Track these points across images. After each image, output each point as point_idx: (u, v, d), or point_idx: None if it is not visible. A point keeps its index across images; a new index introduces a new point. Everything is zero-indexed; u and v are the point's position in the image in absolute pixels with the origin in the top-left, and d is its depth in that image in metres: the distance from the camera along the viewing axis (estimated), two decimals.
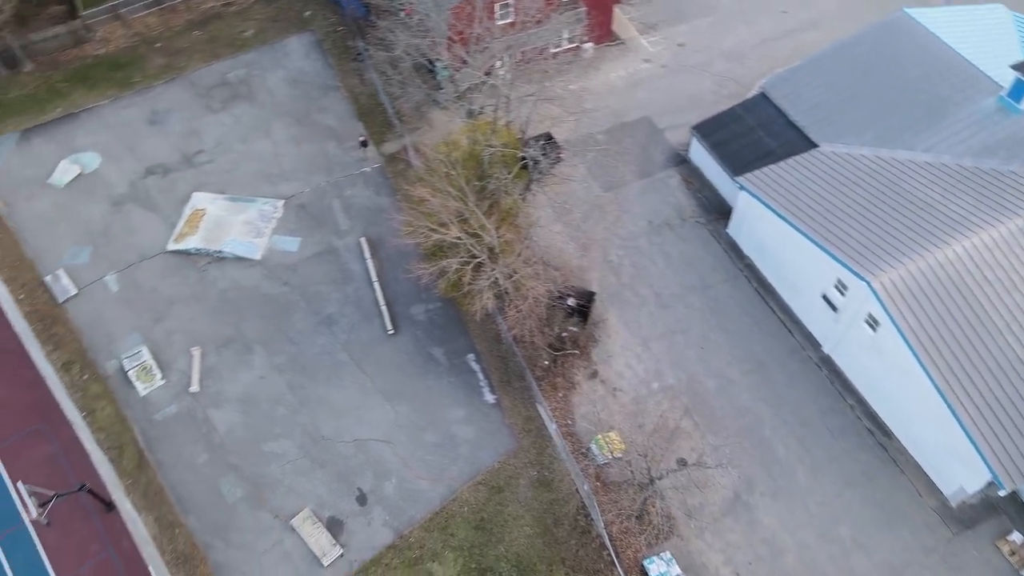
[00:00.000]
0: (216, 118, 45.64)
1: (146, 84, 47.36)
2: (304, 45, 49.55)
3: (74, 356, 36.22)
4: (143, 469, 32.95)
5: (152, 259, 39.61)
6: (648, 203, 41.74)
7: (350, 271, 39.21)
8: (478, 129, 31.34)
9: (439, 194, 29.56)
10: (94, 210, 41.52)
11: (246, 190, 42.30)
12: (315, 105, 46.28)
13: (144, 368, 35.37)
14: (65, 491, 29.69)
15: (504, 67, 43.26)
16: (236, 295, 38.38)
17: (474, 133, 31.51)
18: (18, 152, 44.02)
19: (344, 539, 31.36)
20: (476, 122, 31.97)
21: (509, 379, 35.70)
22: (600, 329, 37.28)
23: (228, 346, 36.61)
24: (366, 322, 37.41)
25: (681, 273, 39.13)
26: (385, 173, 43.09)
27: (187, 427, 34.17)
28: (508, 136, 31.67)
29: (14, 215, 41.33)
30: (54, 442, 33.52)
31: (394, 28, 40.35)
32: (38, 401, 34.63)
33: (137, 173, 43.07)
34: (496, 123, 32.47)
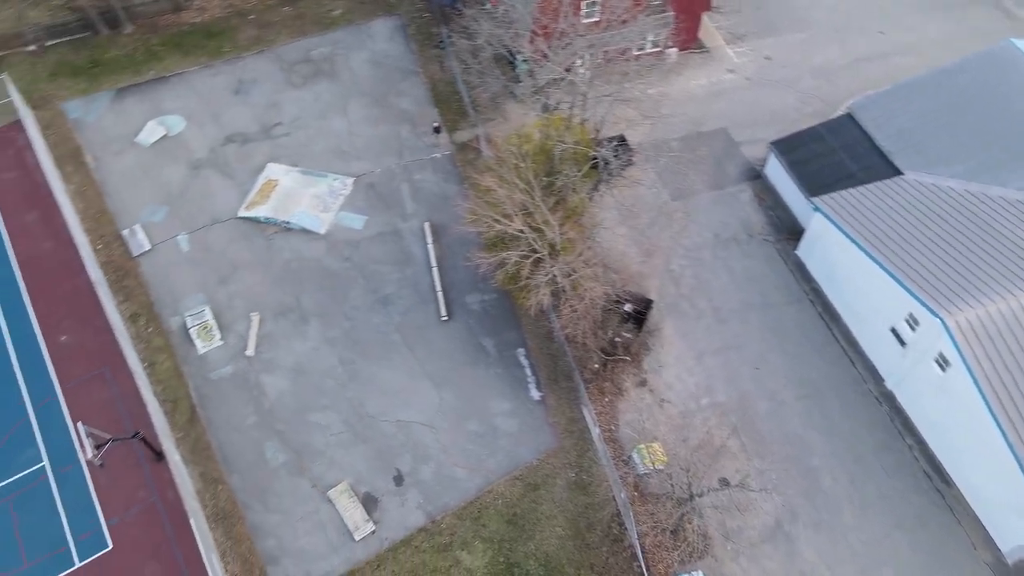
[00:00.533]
0: (297, 93, 46.67)
1: (235, 54, 48.77)
2: (389, 28, 50.21)
3: (141, 309, 37.58)
4: (194, 424, 33.96)
5: (223, 224, 40.77)
6: (717, 215, 40.83)
7: (411, 254, 39.57)
8: (552, 124, 31.15)
9: (506, 185, 29.51)
10: (174, 171, 42.97)
11: (318, 165, 43.13)
12: (393, 88, 46.85)
13: (205, 327, 36.44)
14: (120, 436, 30.83)
15: (584, 65, 42.96)
16: (298, 266, 39.17)
17: (547, 128, 31.33)
18: (111, 110, 45.90)
19: (377, 516, 31.67)
20: (550, 117, 31.76)
21: (557, 378, 35.45)
22: (654, 338, 36.65)
23: (286, 315, 37.41)
24: (421, 306, 37.69)
25: (743, 289, 38.16)
26: (455, 161, 43.32)
27: (239, 389, 35.05)
28: (581, 134, 31.38)
29: (101, 169, 43.12)
30: (115, 388, 34.85)
31: (479, 17, 40.49)
32: (104, 348, 36.05)
33: (217, 140, 44.39)
34: (571, 120, 32.23)
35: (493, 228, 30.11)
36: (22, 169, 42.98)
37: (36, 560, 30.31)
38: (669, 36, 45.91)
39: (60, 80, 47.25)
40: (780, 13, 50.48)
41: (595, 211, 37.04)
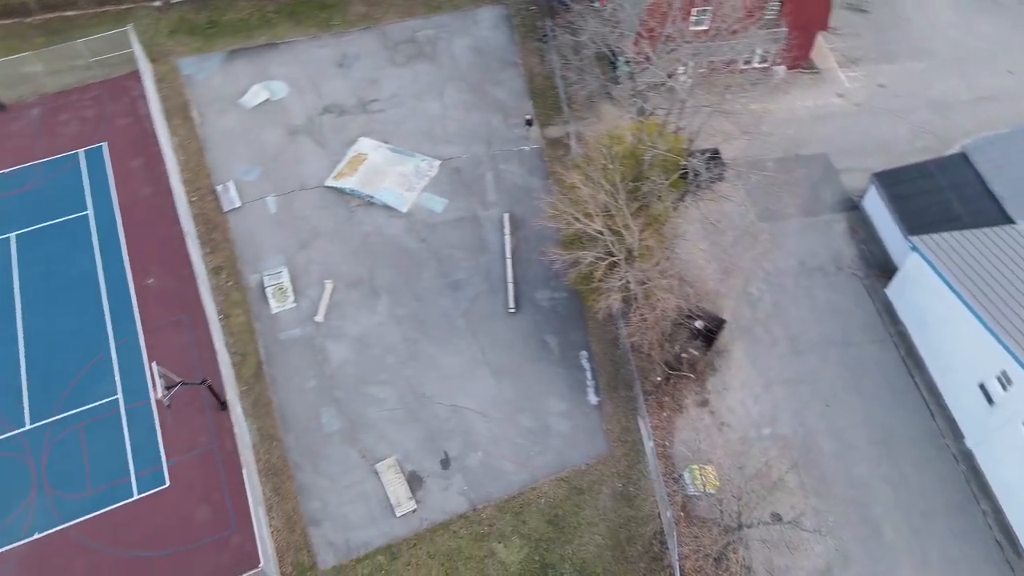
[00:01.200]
0: (397, 71, 47.40)
1: (343, 29, 49.90)
2: (494, 17, 50.37)
3: (224, 263, 38.96)
4: (258, 380, 34.98)
5: (310, 190, 41.82)
6: (805, 243, 39.28)
7: (487, 242, 39.62)
8: (645, 129, 30.55)
9: (591, 184, 29.10)
10: (271, 135, 44.33)
11: (408, 144, 43.69)
12: (491, 77, 46.99)
13: (280, 288, 37.48)
14: (189, 381, 32.02)
15: (687, 73, 42.02)
16: (376, 241, 39.80)
17: (640, 132, 30.74)
18: (221, 70, 47.72)
19: (420, 496, 31.89)
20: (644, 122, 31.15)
21: (616, 385, 34.85)
22: (722, 359, 35.58)
23: (357, 287, 38.07)
24: (490, 295, 37.70)
25: (824, 323, 36.59)
26: (543, 156, 43.12)
27: (304, 352, 35.90)
28: (674, 142, 30.65)
29: (205, 125, 44.89)
30: (190, 335, 36.25)
31: (585, 14, 40.11)
32: (186, 295, 37.52)
33: (316, 109, 45.54)
34: (665, 127, 31.50)
35: (572, 226, 29.77)
36: (134, 117, 45.17)
37: (99, 487, 31.84)
38: (779, 53, 44.39)
39: (178, 37, 49.41)
40: (901, 40, 48.11)
41: (678, 222, 36.16)
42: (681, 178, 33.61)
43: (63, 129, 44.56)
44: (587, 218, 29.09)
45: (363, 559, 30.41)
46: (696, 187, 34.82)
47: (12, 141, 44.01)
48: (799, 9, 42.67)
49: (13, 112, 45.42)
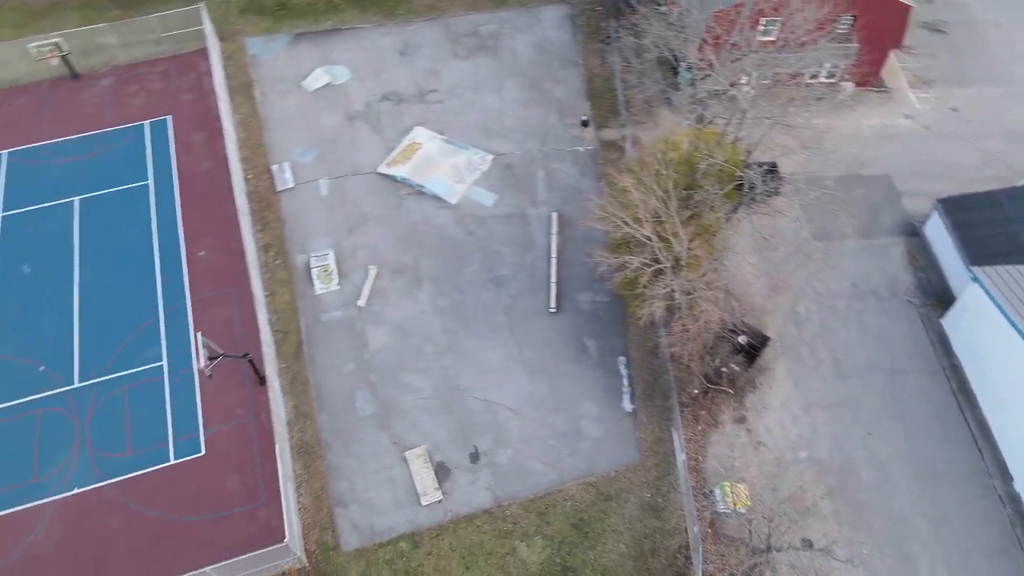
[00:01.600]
0: (458, 64, 47.55)
1: (408, 18, 50.28)
2: (559, 16, 50.16)
3: (273, 241, 39.61)
4: (298, 358, 35.48)
5: (363, 176, 42.23)
6: (860, 265, 38.16)
7: (533, 240, 39.48)
8: (703, 137, 29.97)
9: (643, 189, 28.69)
10: (330, 119, 44.91)
11: (462, 137, 43.78)
12: (550, 75, 46.80)
13: (326, 270, 37.94)
14: (232, 354, 32.63)
15: (750, 83, 41.17)
16: (423, 230, 39.98)
17: (697, 140, 30.18)
18: (286, 52, 48.53)
19: (447, 487, 31.94)
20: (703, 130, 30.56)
21: (653, 394, 34.38)
22: (763, 377, 34.80)
23: (402, 274, 38.31)
24: (532, 293, 37.55)
25: (872, 348, 35.50)
26: (596, 157, 42.77)
27: (344, 335, 36.27)
28: (732, 153, 30.03)
29: (266, 105, 45.71)
30: (236, 309, 36.96)
31: (650, 17, 39.60)
32: (235, 270, 38.25)
33: (375, 96, 45.97)
34: (723, 137, 30.89)
35: (621, 229, 29.40)
36: (199, 92, 46.24)
37: (138, 450, 32.69)
38: (848, 68, 43.17)
39: (248, 17, 50.42)
40: (978, 63, 46.38)
41: (728, 233, 35.46)
42: (736, 189, 32.94)
43: (131, 100, 45.87)
44: (636, 223, 28.70)
45: (385, 544, 30.59)
46: (751, 200, 34.08)
47: (83, 109, 45.48)
48: (873, 25, 41.46)
49: (86, 81, 46.94)
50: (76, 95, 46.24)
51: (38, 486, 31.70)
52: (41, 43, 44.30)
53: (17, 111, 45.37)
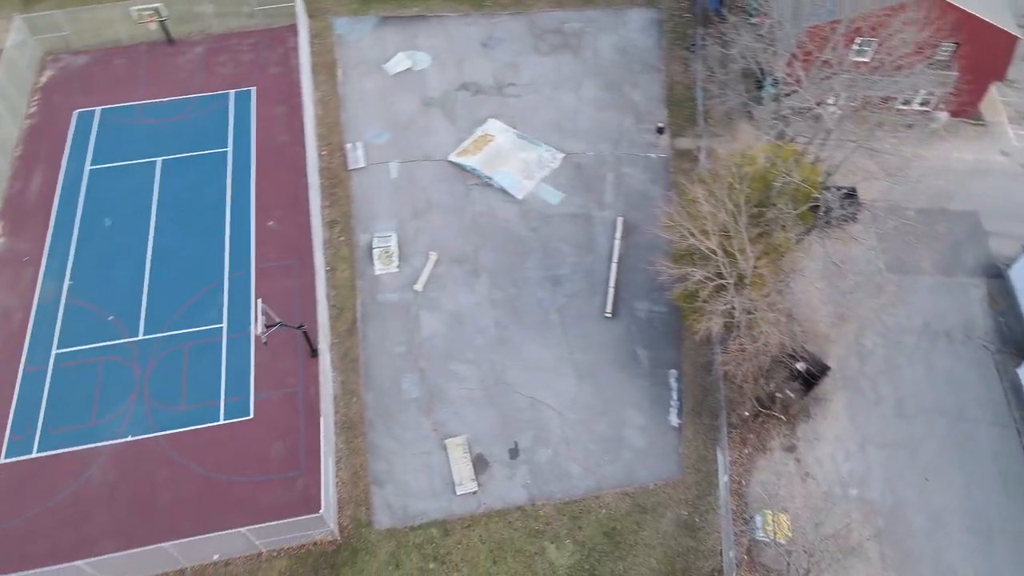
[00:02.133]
0: (538, 59, 47.42)
1: (494, 11, 50.41)
2: (645, 19, 49.50)
3: (340, 218, 40.29)
4: (351, 335, 36.00)
5: (433, 162, 42.54)
6: (935, 303, 36.46)
7: (595, 243, 39.07)
8: (781, 154, 29.04)
9: (714, 201, 27.98)
10: (407, 103, 45.40)
11: (536, 133, 43.65)
12: (630, 79, 46.23)
13: (387, 252, 38.37)
14: (288, 324, 33.31)
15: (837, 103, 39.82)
16: (487, 222, 40.02)
17: (775, 156, 29.26)
18: (371, 34, 49.28)
19: (483, 480, 31.91)
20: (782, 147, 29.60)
21: (701, 411, 33.61)
22: (819, 407, 33.61)
23: (461, 264, 38.43)
24: (589, 296, 37.17)
25: (939, 391, 33.88)
26: (668, 165, 42.04)
27: (398, 317, 36.63)
28: (810, 173, 29.00)
29: (346, 84, 46.52)
30: (296, 281, 37.73)
31: (740, 28, 38.64)
32: (299, 243, 39.05)
33: (453, 84, 46.25)
34: (803, 155, 29.87)
35: (686, 240, 28.74)
36: (284, 67, 47.38)
37: (191, 406, 33.72)
38: (945, 97, 41.27)
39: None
40: None
41: (798, 256, 34.34)
42: (811, 211, 31.84)
43: (220, 69, 47.34)
44: (703, 235, 28.02)
45: (417, 528, 30.77)
46: (825, 223, 32.91)
47: (175, 74, 47.17)
48: (976, 54, 39.50)
49: (180, 47, 48.67)
50: (170, 59, 47.99)
51: (95, 429, 33.02)
52: (142, 7, 46.13)
53: (114, 71, 47.37)
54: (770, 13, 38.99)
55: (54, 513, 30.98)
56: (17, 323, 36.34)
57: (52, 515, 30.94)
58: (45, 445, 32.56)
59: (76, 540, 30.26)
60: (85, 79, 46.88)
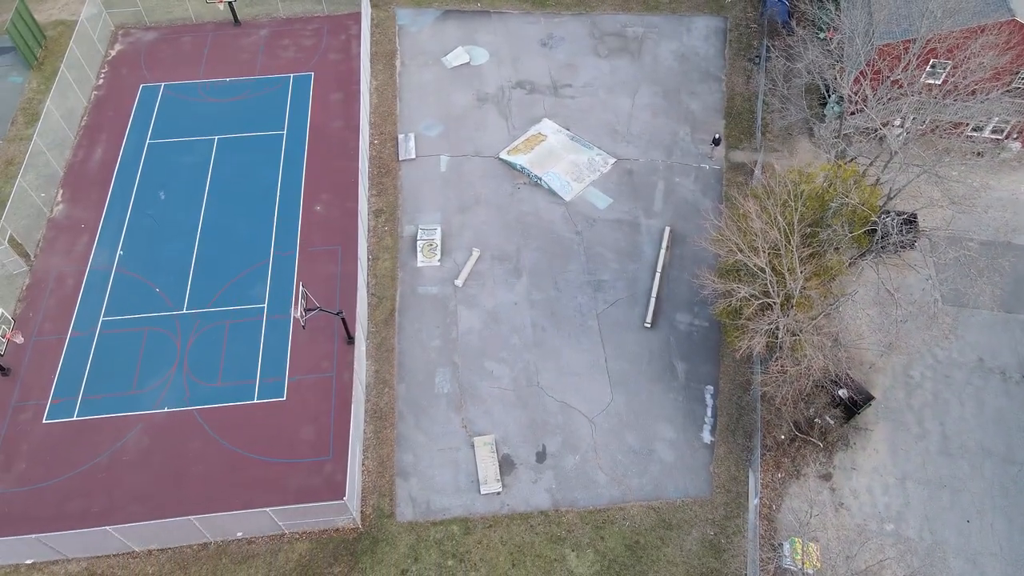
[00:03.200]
0: (596, 62, 46.94)
1: (556, 10, 50.06)
2: (709, 28, 48.56)
3: (386, 207, 40.48)
4: (388, 325, 36.13)
5: (483, 158, 42.42)
6: (992, 339, 34.93)
7: (640, 251, 38.48)
8: (842, 175, 28.06)
9: (766, 217, 27.18)
10: (461, 97, 45.38)
11: (588, 135, 43.21)
12: (689, 87, 45.41)
13: (430, 245, 38.39)
14: (327, 309, 33.57)
15: (904, 124, 38.49)
16: (532, 222, 39.76)
17: (834, 176, 28.31)
18: (432, 26, 49.40)
19: (508, 481, 31.70)
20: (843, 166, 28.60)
21: (735, 430, 32.82)
22: (859, 436, 32.50)
23: (502, 262, 38.25)
24: (629, 304, 36.63)
25: (987, 431, 32.46)
26: (721, 178, 41.16)
27: (436, 311, 36.62)
28: (870, 195, 27.97)
29: (404, 75, 46.73)
30: (339, 266, 38.03)
31: (807, 41, 37.57)
32: (345, 229, 39.37)
33: (509, 82, 46.06)
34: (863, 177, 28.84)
35: (735, 255, 28.01)
36: (344, 54, 47.84)
37: (228, 383, 34.25)
38: (1019, 126, 39.50)
39: None
40: None
41: (849, 279, 33.28)
42: (867, 235, 30.75)
43: (282, 53, 48.02)
44: (752, 251, 27.26)
45: (438, 524, 30.72)
46: (881, 248, 31.77)
47: (239, 54, 48.01)
48: None
49: (246, 28, 49.52)
50: (235, 40, 48.86)
51: (135, 398, 33.79)
52: None
53: (181, 48, 48.43)
54: (840, 28, 37.83)
55: (89, 476, 31.80)
56: (70, 288, 37.41)
57: (87, 478, 31.76)
58: (85, 410, 33.42)
59: (108, 504, 31.02)
60: (152, 54, 48.06)
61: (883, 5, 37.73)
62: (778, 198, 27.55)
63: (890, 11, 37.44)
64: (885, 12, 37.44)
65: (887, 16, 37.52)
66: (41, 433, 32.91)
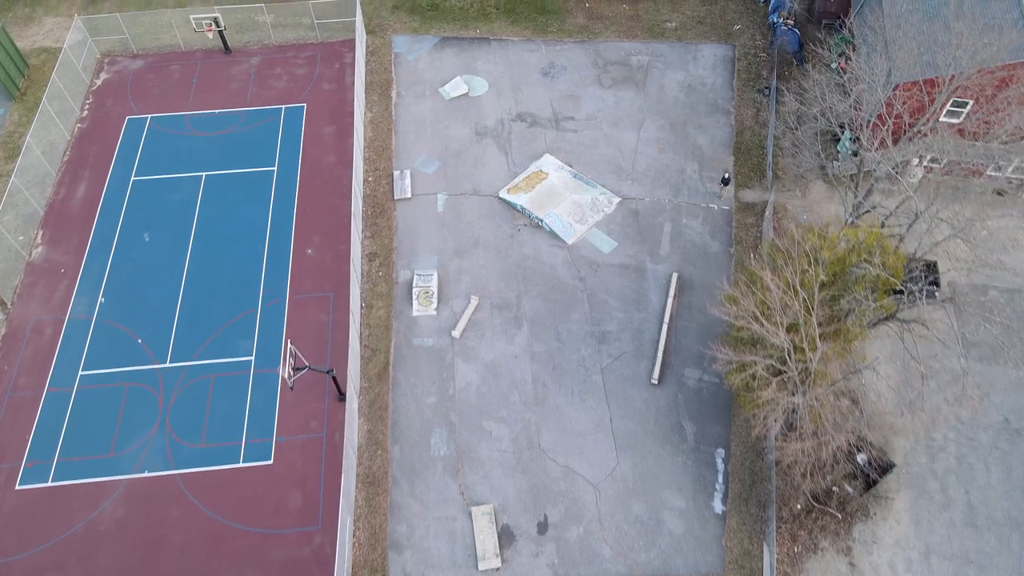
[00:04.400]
0: (599, 92, 45.15)
1: (558, 37, 48.27)
2: (716, 57, 46.75)
3: (380, 250, 38.69)
4: (382, 380, 34.34)
5: (481, 197, 40.63)
6: (1018, 399, 33.11)
7: (646, 299, 36.68)
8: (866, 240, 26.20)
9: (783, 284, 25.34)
10: (460, 131, 43.59)
11: (592, 172, 41.41)
12: (696, 120, 43.62)
13: (426, 292, 36.60)
14: (316, 367, 31.79)
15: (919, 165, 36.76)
16: (532, 266, 37.98)
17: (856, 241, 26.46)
18: (430, 54, 47.60)
19: (508, 555, 29.91)
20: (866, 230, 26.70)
21: (748, 499, 31.03)
22: (879, 506, 30.71)
23: (502, 310, 36.46)
24: (635, 358, 34.83)
25: (1016, 500, 30.67)
26: (731, 219, 39.38)
27: (432, 365, 34.83)
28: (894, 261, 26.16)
29: (400, 106, 44.94)
30: (330, 315, 36.25)
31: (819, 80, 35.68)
32: (337, 274, 37.61)
33: (509, 114, 44.28)
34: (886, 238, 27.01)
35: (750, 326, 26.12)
36: (338, 84, 46.08)
37: (212, 444, 32.47)
38: None
39: (399, 14, 49.88)
40: None
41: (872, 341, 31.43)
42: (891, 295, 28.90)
43: (274, 82, 46.26)
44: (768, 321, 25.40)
45: None
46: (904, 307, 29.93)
47: (229, 84, 46.25)
48: None
49: (236, 56, 47.76)
50: (224, 69, 47.09)
51: (113, 461, 32.01)
52: (201, 17, 45.25)
53: (169, 77, 46.66)
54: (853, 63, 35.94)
55: (64, 547, 30.01)
56: (48, 339, 35.64)
57: (62, 549, 29.98)
58: (61, 474, 31.66)
59: None
60: (139, 84, 46.29)
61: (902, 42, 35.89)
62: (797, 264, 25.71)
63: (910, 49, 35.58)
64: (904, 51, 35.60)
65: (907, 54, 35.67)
66: (14, 501, 31.14)
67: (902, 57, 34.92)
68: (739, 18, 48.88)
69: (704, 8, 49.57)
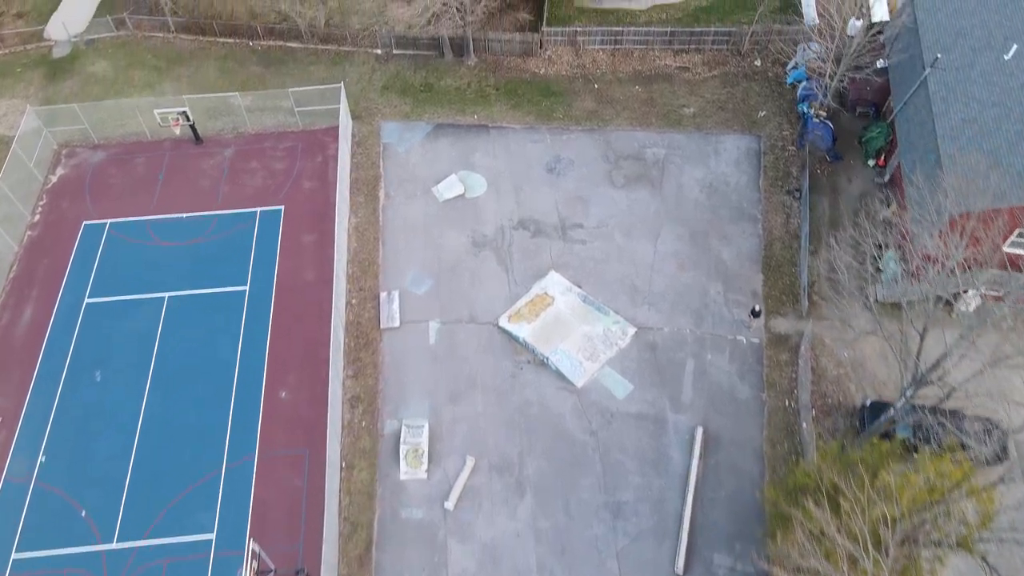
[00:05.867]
0: (611, 193, 40.51)
1: (564, 124, 43.67)
2: (741, 149, 42.09)
3: (364, 393, 34.04)
4: (362, 566, 29.68)
5: (479, 325, 36.00)
6: None
7: (667, 459, 32.03)
8: (947, 473, 21.52)
9: (846, 531, 20.64)
10: (455, 241, 38.95)
11: (604, 294, 36.76)
12: (720, 227, 38.96)
13: (416, 452, 31.93)
14: (284, 571, 27.11)
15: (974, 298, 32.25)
16: (537, 414, 33.34)
17: (939, 478, 21.74)
18: (422, 145, 42.98)
19: None
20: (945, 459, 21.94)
21: None
22: None
23: (502, 473, 31.80)
24: (656, 537, 30.16)
25: None
26: (761, 356, 34.73)
27: (422, 544, 30.17)
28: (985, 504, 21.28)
29: (389, 210, 40.32)
30: (305, 479, 31.62)
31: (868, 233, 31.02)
32: (314, 424, 32.94)
33: (510, 220, 39.63)
34: (973, 470, 22.30)
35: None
36: (320, 181, 41.47)
37: None
38: None
39: (388, 96, 45.30)
40: None
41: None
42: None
43: (248, 179, 41.66)
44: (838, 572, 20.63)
45: None
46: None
47: (199, 180, 41.67)
48: None
49: (208, 147, 43.16)
50: (194, 162, 42.49)
51: None
52: (167, 111, 40.56)
53: (133, 173, 42.07)
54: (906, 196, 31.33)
55: None
56: None
57: None
58: None
59: None
60: (99, 180, 41.68)
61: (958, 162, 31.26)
62: (860, 502, 21.02)
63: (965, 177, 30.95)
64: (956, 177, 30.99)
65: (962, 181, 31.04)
66: None
67: (958, 186, 30.35)
68: (764, 103, 44.24)
69: (724, 91, 44.93)
